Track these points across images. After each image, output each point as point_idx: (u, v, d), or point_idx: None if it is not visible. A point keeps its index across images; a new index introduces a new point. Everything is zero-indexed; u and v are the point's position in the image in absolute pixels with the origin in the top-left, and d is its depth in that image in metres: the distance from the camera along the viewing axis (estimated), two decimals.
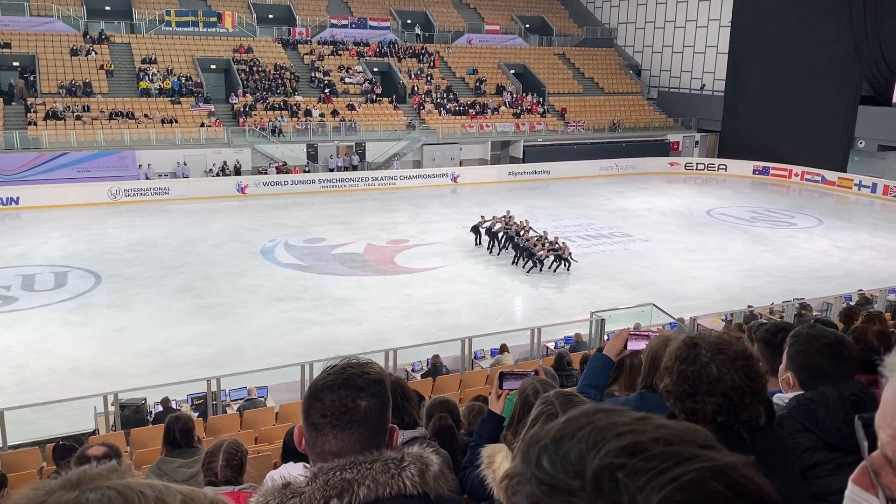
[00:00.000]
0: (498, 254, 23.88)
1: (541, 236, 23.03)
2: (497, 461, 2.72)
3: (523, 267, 22.43)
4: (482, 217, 25.06)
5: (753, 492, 0.74)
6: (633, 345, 3.56)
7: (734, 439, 2.07)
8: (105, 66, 36.23)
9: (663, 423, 0.80)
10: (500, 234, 24.09)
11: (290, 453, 5.02)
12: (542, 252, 22.09)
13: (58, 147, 31.38)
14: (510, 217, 25.02)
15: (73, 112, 33.08)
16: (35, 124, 31.96)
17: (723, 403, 2.14)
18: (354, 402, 1.70)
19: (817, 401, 2.76)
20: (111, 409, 11.64)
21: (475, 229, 24.86)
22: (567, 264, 22.22)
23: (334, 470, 1.62)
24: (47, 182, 30.43)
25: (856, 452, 2.91)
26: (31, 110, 32.64)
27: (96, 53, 36.78)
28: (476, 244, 24.70)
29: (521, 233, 23.44)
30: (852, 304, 14.06)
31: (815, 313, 15.50)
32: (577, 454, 0.76)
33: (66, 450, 6.29)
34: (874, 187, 35.92)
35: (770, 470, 0.78)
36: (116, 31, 39.18)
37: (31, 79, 34.54)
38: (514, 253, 23.09)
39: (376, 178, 35.54)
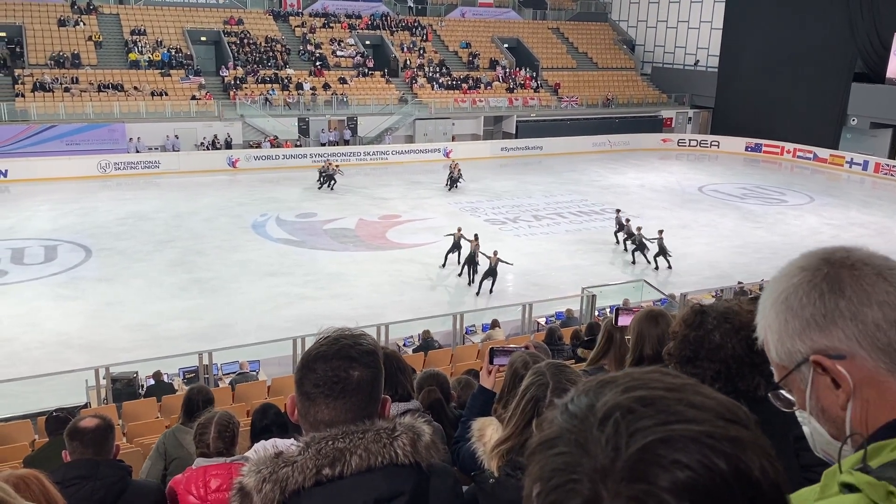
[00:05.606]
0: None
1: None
2: (487, 434, 2.75)
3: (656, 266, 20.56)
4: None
5: (754, 476, 0.70)
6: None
7: None
8: (93, 38, 35.73)
9: (707, 391, 0.77)
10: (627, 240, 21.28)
11: (257, 433, 5.01)
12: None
13: (46, 119, 31.02)
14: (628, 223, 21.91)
15: (61, 84, 32.68)
16: (23, 96, 31.58)
17: (721, 371, 2.18)
18: (347, 372, 1.71)
19: None
20: (103, 382, 11.65)
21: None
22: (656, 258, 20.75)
23: (326, 439, 1.63)
24: (36, 155, 30.12)
25: None
26: (19, 81, 32.23)
27: (84, 24, 36.24)
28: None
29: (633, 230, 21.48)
30: None
31: None
32: (611, 395, 0.76)
33: (59, 421, 6.27)
34: (865, 165, 36.00)
35: None
36: (105, 2, 38.56)
37: (18, 50, 34.06)
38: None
39: (368, 153, 35.36)
